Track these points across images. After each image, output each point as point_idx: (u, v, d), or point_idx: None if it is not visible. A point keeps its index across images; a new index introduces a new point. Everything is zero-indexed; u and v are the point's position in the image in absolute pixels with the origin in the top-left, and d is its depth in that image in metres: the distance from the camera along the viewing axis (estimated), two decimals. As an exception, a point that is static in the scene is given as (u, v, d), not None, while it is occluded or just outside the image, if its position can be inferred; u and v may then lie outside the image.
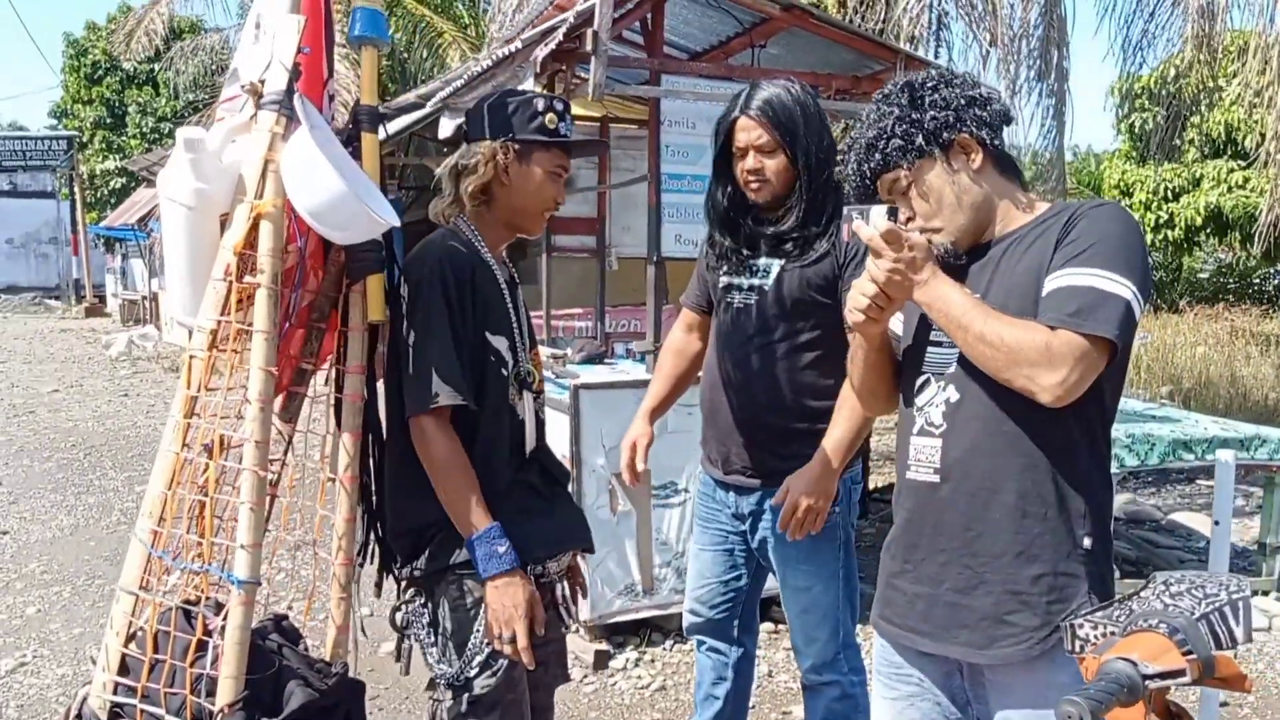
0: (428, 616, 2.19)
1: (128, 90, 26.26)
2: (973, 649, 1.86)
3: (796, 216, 2.55)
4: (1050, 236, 1.79)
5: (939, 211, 1.86)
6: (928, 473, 1.90)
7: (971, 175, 1.85)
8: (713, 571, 2.86)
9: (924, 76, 1.88)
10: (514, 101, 2.19)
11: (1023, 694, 1.82)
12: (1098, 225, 1.74)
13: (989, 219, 1.88)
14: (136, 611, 1.91)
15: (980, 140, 1.84)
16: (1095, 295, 1.67)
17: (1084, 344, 1.65)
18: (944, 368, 1.88)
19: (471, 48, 14.44)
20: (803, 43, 4.62)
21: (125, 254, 24.69)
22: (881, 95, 1.90)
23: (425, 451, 2.08)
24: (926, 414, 1.90)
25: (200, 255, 1.97)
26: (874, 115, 1.88)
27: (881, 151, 1.84)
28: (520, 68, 4.05)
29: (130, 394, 12.08)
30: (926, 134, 1.82)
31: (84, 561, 5.63)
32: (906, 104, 1.84)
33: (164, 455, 1.92)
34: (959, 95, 1.83)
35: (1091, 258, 1.70)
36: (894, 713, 2.03)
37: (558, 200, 2.27)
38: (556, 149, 2.22)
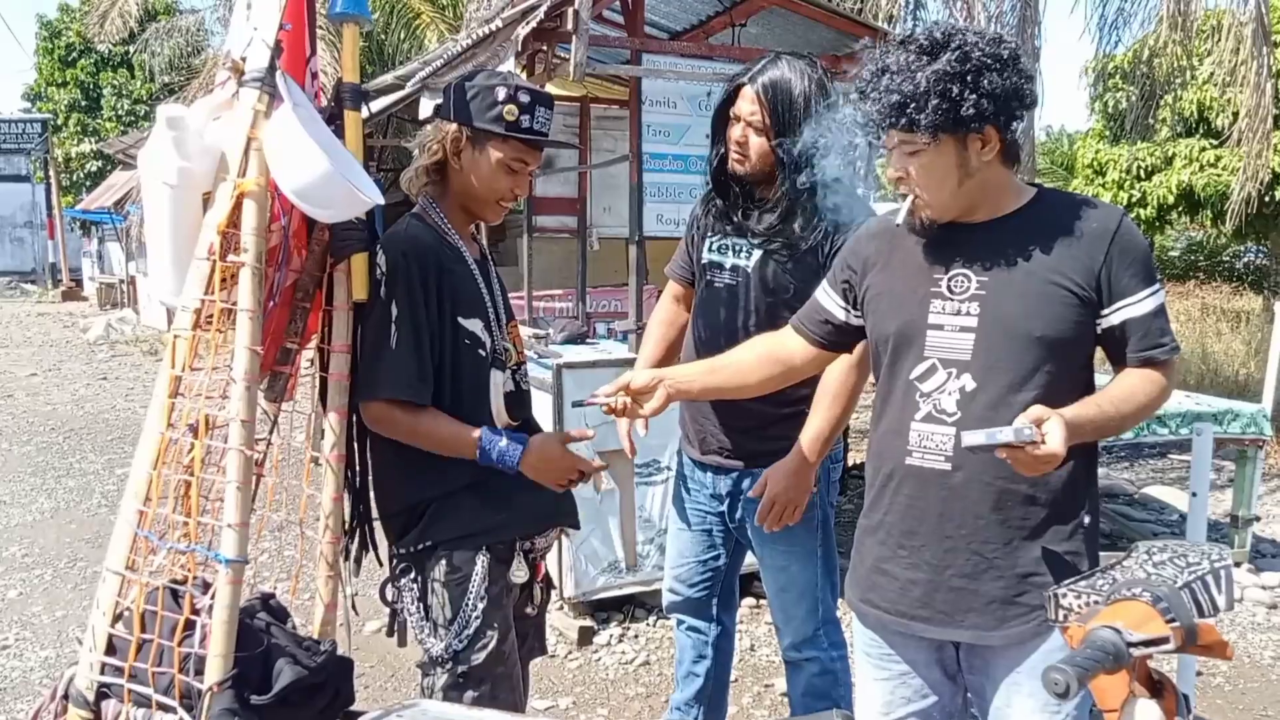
0: (417, 592, 2.21)
1: (102, 73, 25.98)
2: (982, 631, 1.88)
3: (780, 213, 2.52)
4: (1091, 246, 1.81)
5: (938, 191, 1.84)
6: (938, 460, 1.88)
7: (980, 164, 1.81)
8: (691, 551, 2.88)
9: (983, 49, 1.73)
10: (477, 86, 2.16)
11: (1030, 664, 1.86)
12: (1137, 241, 1.84)
13: (979, 204, 1.88)
14: (123, 591, 1.91)
15: (1002, 135, 1.80)
16: (1164, 314, 1.84)
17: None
18: (956, 355, 1.87)
19: (449, 28, 14.33)
20: (783, 21, 4.62)
21: (102, 237, 24.48)
22: (930, 42, 1.75)
23: (388, 432, 2.14)
24: (935, 400, 1.88)
25: (183, 234, 1.96)
26: (913, 64, 1.74)
27: (910, 115, 1.74)
28: (501, 47, 4.03)
29: (109, 377, 12.00)
30: (962, 118, 1.73)
31: (65, 544, 5.60)
32: (955, 75, 1.71)
33: (149, 435, 1.92)
34: (1008, 84, 1.73)
35: (1148, 277, 1.82)
36: (885, 692, 2.06)
37: (515, 192, 2.24)
38: (515, 142, 2.17)
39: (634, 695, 3.79)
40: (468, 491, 2.19)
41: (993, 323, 1.84)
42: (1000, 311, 1.84)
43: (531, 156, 2.22)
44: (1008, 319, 1.83)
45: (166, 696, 1.82)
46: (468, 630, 2.15)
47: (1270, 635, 4.45)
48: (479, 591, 2.17)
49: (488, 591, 2.18)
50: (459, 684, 2.17)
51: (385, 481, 2.26)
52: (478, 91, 2.16)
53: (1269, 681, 4.02)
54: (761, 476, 2.53)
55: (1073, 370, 1.85)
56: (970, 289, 1.87)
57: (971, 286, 1.87)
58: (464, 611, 2.15)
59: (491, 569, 2.19)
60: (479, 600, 2.17)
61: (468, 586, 2.16)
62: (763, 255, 2.58)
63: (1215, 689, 3.92)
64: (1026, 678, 1.87)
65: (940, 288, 1.90)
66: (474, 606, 2.16)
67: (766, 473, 2.53)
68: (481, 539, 2.19)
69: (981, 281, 1.86)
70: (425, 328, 2.12)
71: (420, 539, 2.19)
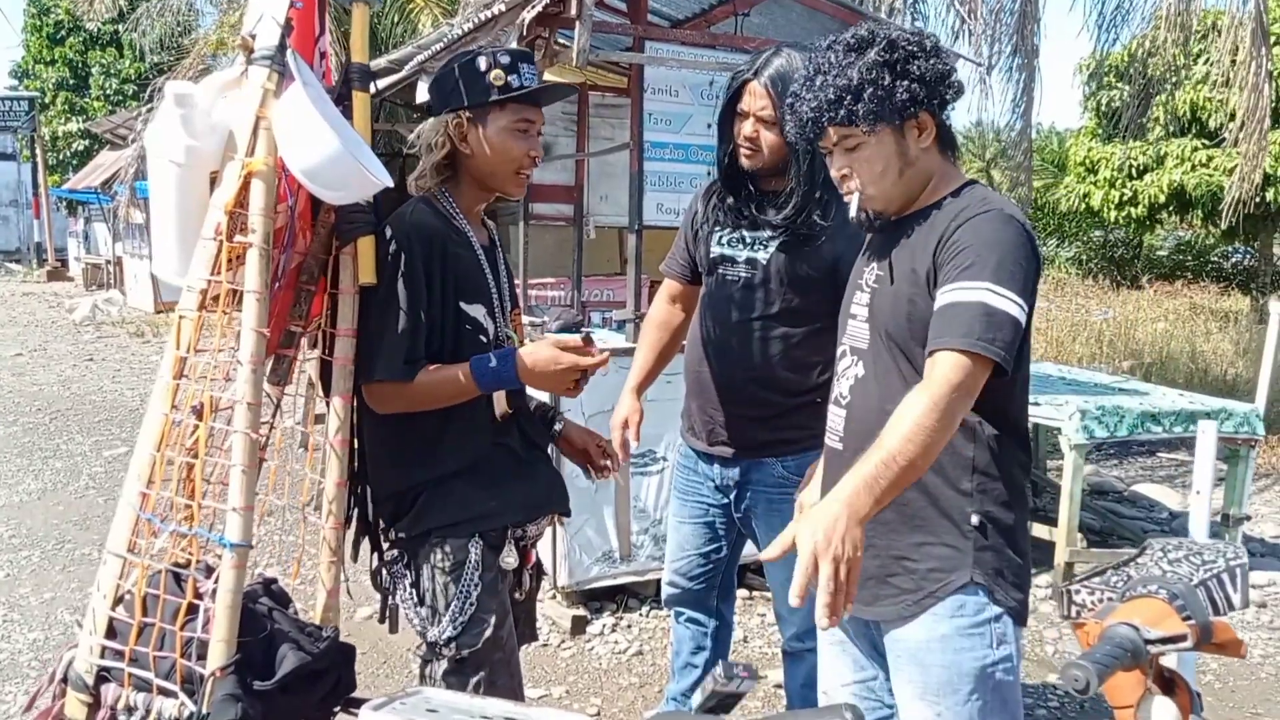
0: (410, 578, 2.20)
1: (91, 51, 25.76)
2: (859, 605, 1.92)
3: (796, 204, 2.50)
4: (933, 234, 1.81)
5: (880, 181, 1.87)
6: (834, 440, 2.01)
7: (919, 151, 1.86)
8: (692, 544, 2.87)
9: (908, 38, 1.82)
10: (458, 67, 2.14)
11: (905, 648, 1.92)
12: (982, 233, 1.76)
13: (919, 193, 1.91)
14: (124, 574, 1.89)
15: (936, 120, 1.86)
16: (983, 311, 1.69)
17: (967, 363, 1.67)
18: (858, 343, 1.96)
19: (444, 12, 14.24)
20: (785, 11, 4.60)
21: (88, 217, 24.30)
22: (856, 40, 1.82)
23: (391, 409, 2.13)
24: (840, 385, 2.00)
25: (190, 213, 1.94)
26: (843, 60, 1.81)
27: (848, 107, 1.79)
28: (503, 31, 4.00)
29: (95, 359, 11.92)
30: (897, 104, 1.79)
31: (53, 526, 5.56)
32: (885, 64, 1.78)
33: (152, 416, 1.89)
34: (936, 69, 1.80)
35: (980, 271, 1.72)
36: (833, 656, 2.14)
37: (530, 155, 2.20)
38: (513, 104, 2.15)
39: (627, 685, 3.79)
40: (459, 478, 2.18)
41: (874, 315, 1.93)
42: (876, 305, 1.92)
43: (533, 113, 2.20)
44: (878, 312, 1.91)
45: (168, 681, 1.80)
46: (462, 617, 2.15)
47: (1260, 634, 4.48)
48: (473, 578, 2.16)
49: (482, 578, 2.17)
50: (457, 670, 2.17)
51: (377, 467, 2.25)
52: (461, 71, 2.14)
53: (1259, 680, 4.04)
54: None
55: None
56: (870, 281, 1.96)
57: (871, 279, 1.96)
58: (460, 598, 2.14)
59: (484, 556, 2.18)
60: (473, 587, 2.16)
61: (462, 573, 2.15)
62: (781, 246, 2.57)
63: (1205, 686, 3.93)
64: (906, 662, 1.92)
65: (863, 280, 1.99)
66: (469, 593, 2.15)
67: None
68: (474, 525, 2.18)
69: (877, 275, 1.94)
70: (423, 311, 2.11)
71: (413, 525, 2.18)
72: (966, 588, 1.84)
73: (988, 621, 1.85)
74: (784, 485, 2.64)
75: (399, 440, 2.18)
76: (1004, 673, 1.87)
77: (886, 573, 1.91)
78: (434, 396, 2.12)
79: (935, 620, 1.86)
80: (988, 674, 1.85)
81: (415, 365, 2.10)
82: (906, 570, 1.89)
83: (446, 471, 2.17)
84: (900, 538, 1.89)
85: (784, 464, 2.65)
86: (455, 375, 2.12)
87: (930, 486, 1.86)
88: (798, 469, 2.62)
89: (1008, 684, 1.88)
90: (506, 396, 2.27)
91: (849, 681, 2.11)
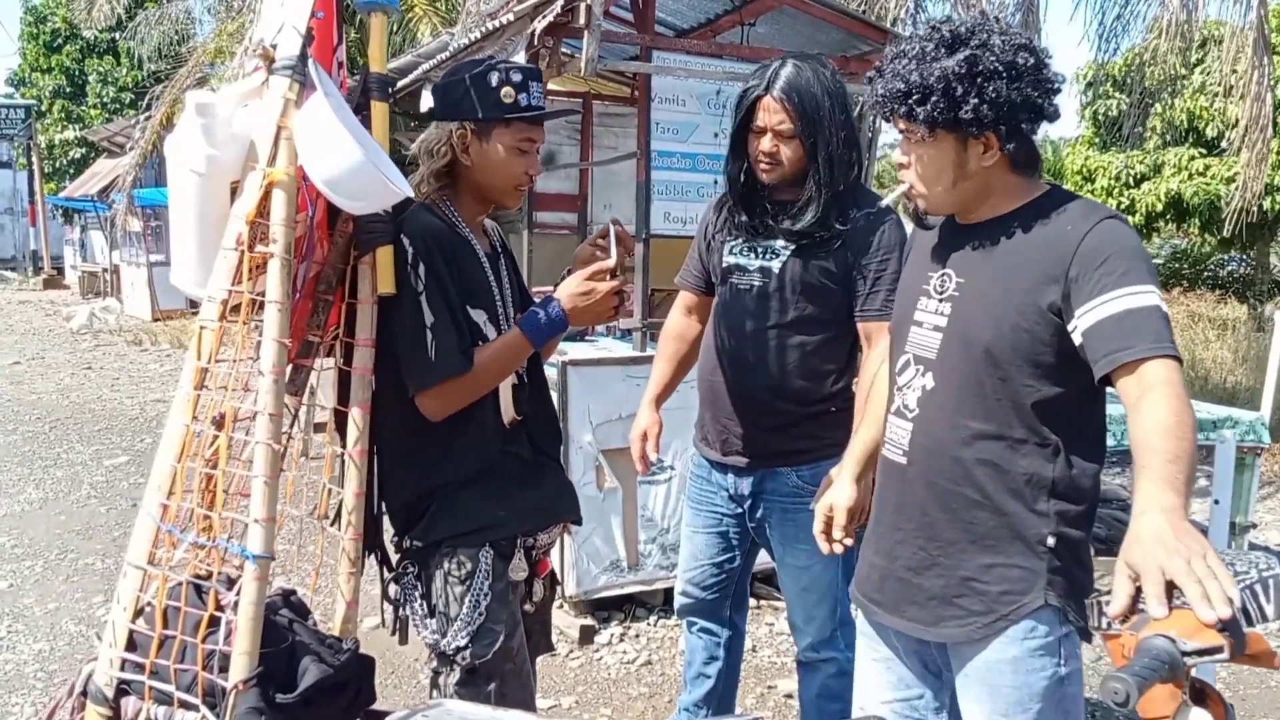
0: (421, 589, 2.19)
1: (88, 59, 25.73)
2: (919, 625, 1.91)
3: (815, 211, 2.48)
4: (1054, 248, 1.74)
5: (932, 185, 1.85)
6: (897, 454, 1.93)
7: (979, 167, 1.80)
8: (705, 554, 2.86)
9: (997, 56, 1.71)
10: (468, 78, 2.13)
11: (974, 669, 1.87)
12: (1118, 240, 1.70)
13: (975, 206, 1.87)
14: (144, 586, 1.88)
15: (1002, 144, 1.77)
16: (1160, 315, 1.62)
17: (1172, 365, 1.60)
18: (926, 353, 1.89)
19: (443, 22, 14.25)
20: (791, 21, 4.60)
21: (84, 225, 24.25)
22: (950, 37, 1.74)
23: (455, 408, 2.12)
24: (904, 395, 1.92)
25: (210, 223, 1.93)
26: (927, 54, 1.74)
27: (911, 105, 1.75)
28: (510, 41, 4.00)
29: (93, 367, 11.89)
30: (961, 119, 1.72)
31: (55, 535, 5.54)
32: (961, 76, 1.70)
33: (173, 427, 1.88)
34: (1017, 94, 1.71)
35: (1138, 275, 1.65)
36: (876, 673, 2.09)
37: (528, 173, 2.20)
38: (519, 123, 2.15)
39: (636, 695, 3.77)
40: (469, 487, 2.17)
41: (956, 326, 1.85)
42: (964, 315, 1.84)
43: (536, 133, 2.20)
44: (967, 324, 1.83)
45: (189, 694, 1.78)
46: (472, 627, 2.14)
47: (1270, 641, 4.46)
48: (483, 588, 2.15)
49: (492, 588, 2.16)
50: (469, 680, 2.15)
51: (389, 478, 2.24)
52: (471, 83, 2.13)
53: (1268, 689, 4.03)
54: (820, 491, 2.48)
55: (1035, 388, 1.78)
56: (949, 290, 1.88)
57: (950, 287, 1.88)
58: (470, 608, 2.13)
59: (495, 565, 2.17)
60: (484, 596, 2.15)
61: (473, 583, 2.14)
62: (794, 253, 2.55)
63: (1215, 696, 3.92)
64: (975, 683, 1.88)
65: (929, 285, 1.92)
66: (480, 603, 2.14)
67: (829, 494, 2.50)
68: (485, 535, 2.17)
69: (959, 284, 1.87)
70: (456, 302, 2.11)
71: (424, 535, 2.17)
72: (1039, 611, 1.80)
73: (1058, 640, 1.82)
74: (798, 494, 2.63)
75: (410, 450, 2.17)
76: (1072, 686, 1.85)
77: (953, 594, 1.86)
78: (496, 372, 2.14)
79: (1006, 643, 1.82)
80: (1057, 691, 1.83)
81: (468, 353, 2.10)
82: (975, 592, 1.84)
83: (456, 480, 2.16)
84: (969, 559, 1.84)
85: (798, 473, 2.64)
86: (509, 342, 2.14)
87: (1004, 507, 1.81)
88: (812, 478, 2.61)
89: (1074, 696, 1.87)
90: (515, 403, 2.26)
91: (889, 699, 2.05)
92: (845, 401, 2.67)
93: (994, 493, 1.81)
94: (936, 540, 1.86)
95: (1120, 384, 1.61)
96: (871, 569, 2.00)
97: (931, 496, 1.86)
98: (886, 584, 1.95)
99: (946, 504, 1.85)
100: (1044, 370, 1.76)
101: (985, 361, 1.79)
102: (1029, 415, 1.78)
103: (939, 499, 1.86)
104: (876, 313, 2.51)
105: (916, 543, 1.89)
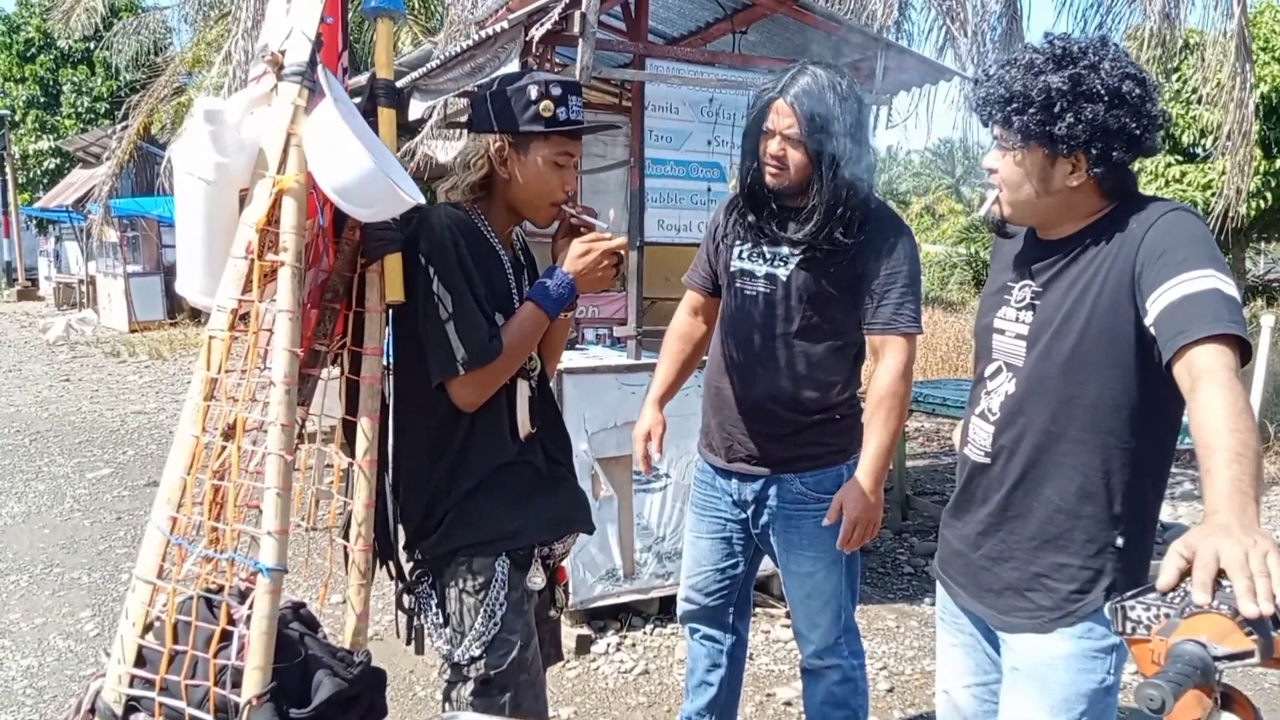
0: (435, 599, 2.18)
1: (63, 69, 25.44)
2: (994, 612, 1.98)
3: (817, 221, 2.47)
4: (1122, 252, 1.75)
5: (1015, 193, 1.87)
6: (979, 454, 1.99)
7: (1065, 186, 1.82)
8: (709, 559, 2.85)
9: (1105, 76, 1.73)
10: (509, 91, 2.13)
11: (1026, 661, 1.93)
12: (1179, 229, 1.71)
13: (1056, 223, 1.89)
14: (153, 601, 1.84)
15: (1090, 169, 1.78)
16: (1220, 296, 1.60)
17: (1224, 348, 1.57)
18: (1015, 360, 1.93)
19: (424, 31, 14.22)
20: (783, 29, 4.60)
21: (59, 236, 24.06)
22: (1061, 53, 1.76)
23: (485, 395, 2.12)
24: (990, 399, 1.98)
25: (218, 231, 1.90)
26: (1034, 65, 1.77)
27: (1006, 113, 1.79)
28: (502, 49, 3.97)
29: (72, 379, 11.77)
30: (1054, 135, 1.75)
31: (39, 549, 5.46)
32: (1062, 92, 1.73)
33: (182, 439, 1.85)
34: (1114, 120, 1.72)
35: (1198, 260, 1.64)
36: (958, 658, 2.16)
37: (566, 189, 2.21)
38: (558, 137, 2.15)
39: (635, 705, 3.75)
40: (484, 496, 2.16)
41: (1037, 334, 1.89)
42: (1044, 323, 1.87)
43: (574, 148, 2.20)
44: (1046, 333, 1.87)
45: (201, 710, 1.75)
46: (487, 637, 2.12)
47: None
48: (499, 598, 2.14)
49: (508, 598, 2.14)
50: (483, 692, 2.13)
51: (401, 487, 2.22)
52: (510, 96, 2.12)
53: (1262, 689, 4.05)
54: (834, 501, 2.51)
55: (1114, 393, 1.80)
56: (1028, 299, 1.92)
57: (1028, 296, 1.92)
58: (485, 618, 2.12)
59: (511, 575, 2.15)
60: (499, 607, 2.14)
61: (488, 593, 2.12)
62: (801, 262, 2.55)
63: (1211, 698, 3.93)
64: (1025, 674, 1.93)
65: (1010, 295, 1.96)
66: (495, 613, 2.13)
67: (838, 497, 2.51)
68: (501, 545, 2.16)
69: (1037, 293, 1.91)
70: (481, 290, 2.10)
71: (439, 545, 2.15)
72: (1099, 612, 1.83)
73: (1112, 648, 1.86)
74: (802, 501, 2.64)
75: (425, 459, 2.16)
76: (1113, 697, 1.90)
77: (1026, 587, 1.92)
78: (520, 350, 2.15)
79: (1063, 639, 1.87)
80: (1103, 700, 1.88)
81: (497, 337, 2.10)
82: (1046, 589, 1.89)
83: (471, 488, 2.15)
84: (1043, 556, 1.90)
85: (803, 479, 2.64)
86: (526, 315, 2.15)
87: (1080, 510, 1.86)
88: (816, 485, 2.62)
89: (1114, 708, 1.92)
90: (531, 416, 2.25)
91: (971, 683, 2.13)
92: (850, 410, 2.67)
93: (1071, 495, 1.86)
94: (1016, 535, 1.93)
95: (1176, 373, 1.60)
96: (955, 555, 2.08)
97: (1011, 496, 1.93)
98: (969, 569, 2.03)
99: (1025, 504, 1.91)
100: (1123, 374, 1.78)
101: (1065, 368, 1.83)
102: (1108, 420, 1.81)
103: (1018, 500, 1.92)
104: (884, 325, 2.52)
105: (997, 535, 1.96)
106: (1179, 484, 6.96)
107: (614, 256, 2.19)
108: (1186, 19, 6.87)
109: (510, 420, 2.21)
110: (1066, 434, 1.84)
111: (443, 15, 12.41)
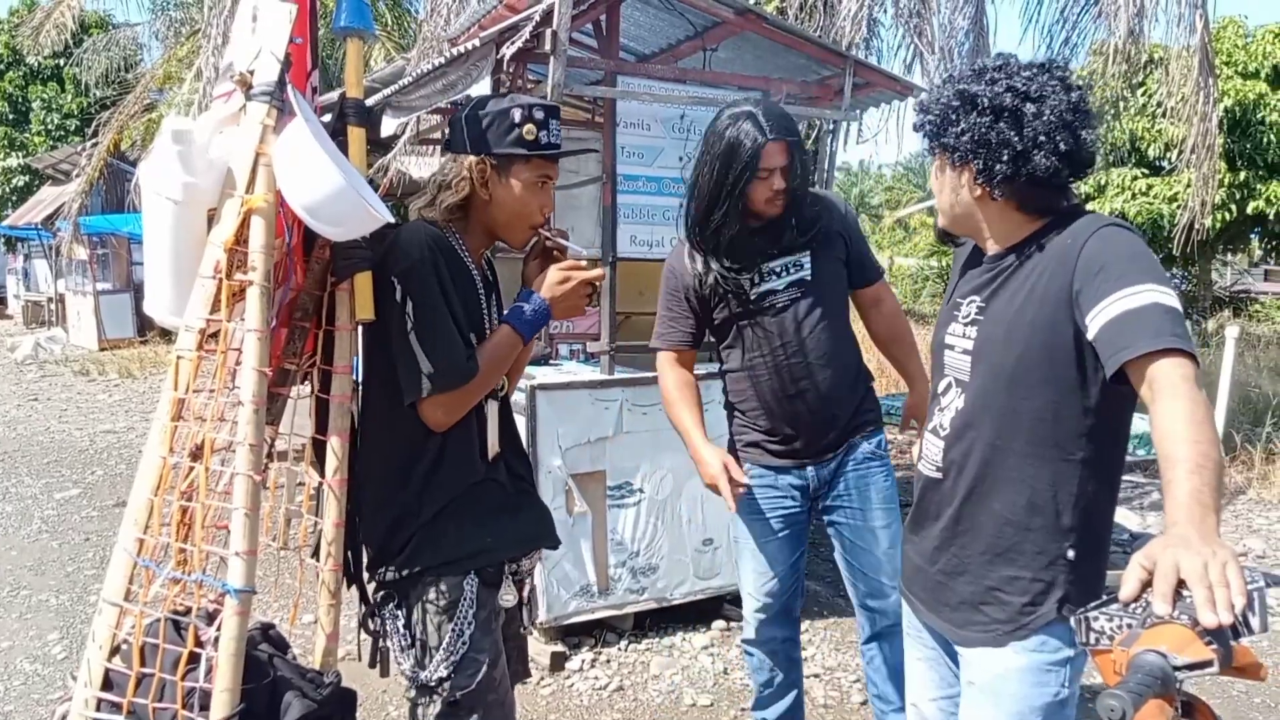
0: (402, 620, 2.16)
1: (32, 86, 25.21)
2: (951, 627, 2.00)
3: (810, 214, 2.71)
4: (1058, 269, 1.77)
5: (939, 202, 1.98)
6: (931, 470, 2.02)
7: (969, 196, 1.88)
8: (781, 557, 2.90)
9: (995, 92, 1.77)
10: (490, 113, 2.14)
11: (981, 674, 1.95)
12: (1114, 244, 1.73)
13: (987, 236, 1.94)
14: (120, 623, 1.83)
15: (977, 179, 1.83)
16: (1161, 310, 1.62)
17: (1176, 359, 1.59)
18: (963, 375, 1.96)
19: (395, 47, 14.23)
20: (753, 47, 4.64)
21: (28, 254, 23.80)
22: (972, 74, 1.84)
23: (458, 416, 2.12)
24: (941, 415, 2.00)
25: (185, 252, 1.90)
26: (953, 79, 1.86)
27: (922, 124, 1.91)
28: (474, 66, 3.98)
29: (40, 398, 11.64)
30: (946, 144, 1.86)
31: (6, 571, 5.39)
32: (954, 105, 1.82)
33: (149, 460, 1.85)
34: (996, 135, 1.77)
35: (1136, 275, 1.66)
36: (923, 672, 2.18)
37: (544, 211, 2.23)
38: (538, 160, 2.16)
39: (610, 722, 3.74)
40: (451, 516, 2.15)
41: (981, 348, 1.92)
42: (987, 338, 1.91)
43: (553, 169, 2.21)
44: (990, 348, 1.90)
45: (169, 733, 1.74)
46: (455, 657, 2.11)
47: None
48: (467, 617, 2.13)
49: (475, 616, 2.14)
50: (451, 713, 2.12)
51: (366, 505, 2.21)
52: (493, 118, 2.13)
53: (1229, 697, 4.09)
54: (905, 413, 3.01)
55: (1058, 406, 1.82)
56: (973, 314, 1.96)
57: (973, 312, 1.96)
58: (453, 637, 2.11)
59: (480, 593, 2.15)
60: (467, 626, 2.13)
61: (455, 612, 2.11)
62: (813, 256, 2.75)
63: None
64: (979, 688, 1.95)
65: (959, 311, 2.00)
66: (463, 632, 2.12)
67: (907, 408, 3.01)
68: (469, 563, 2.15)
69: (981, 308, 1.95)
70: (458, 309, 2.10)
71: (407, 564, 2.14)
72: (1053, 625, 1.85)
73: (1065, 661, 1.87)
74: (872, 459, 2.84)
75: (392, 479, 2.14)
76: (1068, 710, 1.91)
77: (980, 601, 1.94)
78: (494, 372, 2.15)
79: (1016, 653, 1.89)
80: (1055, 710, 1.88)
81: (473, 358, 2.10)
82: (999, 602, 1.91)
83: (440, 508, 2.14)
84: (995, 569, 1.91)
85: (867, 440, 2.85)
86: (501, 338, 2.16)
87: (1029, 523, 1.87)
88: (878, 443, 2.86)
89: (1069, 718, 1.92)
90: (500, 436, 2.25)
91: (936, 696, 2.15)
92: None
93: (1020, 508, 1.87)
94: (969, 549, 1.95)
95: (1137, 386, 1.63)
96: (915, 570, 2.10)
97: (962, 510, 1.95)
98: (927, 583, 2.05)
99: (976, 519, 1.93)
100: (1066, 388, 1.80)
101: (1009, 384, 1.85)
102: (1053, 433, 1.83)
103: (969, 514, 1.94)
104: (876, 275, 2.93)
105: (950, 549, 1.99)
106: (1148, 494, 7.04)
107: (590, 286, 2.22)
108: (1151, 34, 6.96)
109: (480, 441, 2.21)
110: (1012, 448, 1.86)
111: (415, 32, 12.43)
